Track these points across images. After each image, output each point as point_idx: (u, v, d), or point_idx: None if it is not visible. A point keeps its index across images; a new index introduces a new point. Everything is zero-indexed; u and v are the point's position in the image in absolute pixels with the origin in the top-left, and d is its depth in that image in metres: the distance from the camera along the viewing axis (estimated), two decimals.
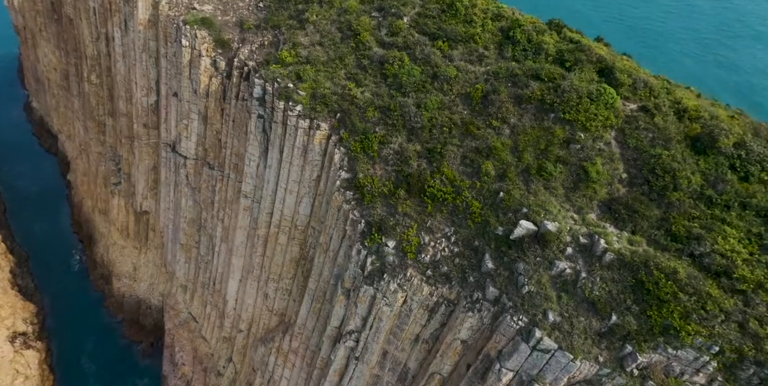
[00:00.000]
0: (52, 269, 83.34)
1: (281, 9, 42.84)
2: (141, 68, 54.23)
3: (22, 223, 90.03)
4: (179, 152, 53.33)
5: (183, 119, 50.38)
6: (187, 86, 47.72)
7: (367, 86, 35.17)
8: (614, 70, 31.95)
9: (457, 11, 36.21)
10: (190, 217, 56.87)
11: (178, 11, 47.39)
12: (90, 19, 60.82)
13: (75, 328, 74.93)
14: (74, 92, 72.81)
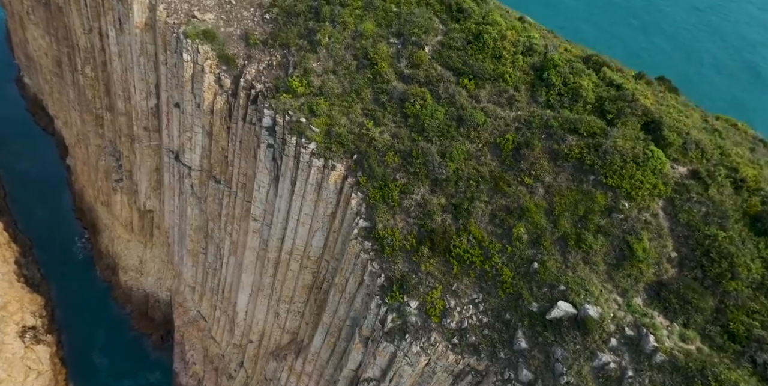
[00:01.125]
0: (57, 258, 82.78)
1: (289, 24, 39.67)
2: (139, 72, 51.30)
3: (23, 208, 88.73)
4: (183, 162, 51.34)
5: (186, 131, 48.09)
6: (189, 100, 45.16)
7: (386, 126, 32.87)
8: (662, 126, 29.33)
9: (484, 44, 33.19)
10: (196, 225, 55.52)
11: (177, 18, 44.09)
12: (81, 11, 57.09)
13: (84, 320, 75.12)
14: (68, 82, 69.60)
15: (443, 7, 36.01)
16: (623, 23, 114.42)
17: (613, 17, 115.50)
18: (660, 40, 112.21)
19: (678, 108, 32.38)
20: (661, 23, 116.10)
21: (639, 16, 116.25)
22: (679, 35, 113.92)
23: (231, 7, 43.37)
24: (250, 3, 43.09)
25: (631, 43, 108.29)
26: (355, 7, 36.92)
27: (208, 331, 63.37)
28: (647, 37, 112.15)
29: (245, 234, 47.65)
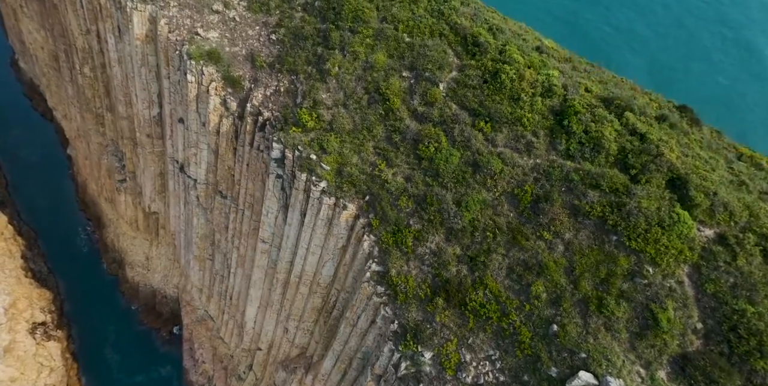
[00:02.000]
0: (62, 250, 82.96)
1: (297, 48, 38.24)
2: (140, 82, 49.95)
3: (26, 198, 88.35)
4: (188, 174, 50.69)
5: (191, 147, 47.25)
6: (194, 119, 44.16)
7: (398, 167, 32.18)
8: (688, 185, 28.42)
9: (501, 84, 31.97)
10: (202, 233, 55.35)
11: (179, 35, 42.54)
12: (77, 12, 55.12)
13: (93, 314, 76.00)
14: (66, 78, 67.98)
15: (458, 39, 34.60)
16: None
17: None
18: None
19: (703, 157, 31.31)
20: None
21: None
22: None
23: (235, 24, 41.77)
24: (255, 21, 41.48)
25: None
26: (365, 35, 35.49)
27: (217, 331, 64.20)
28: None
29: (253, 250, 47.57)
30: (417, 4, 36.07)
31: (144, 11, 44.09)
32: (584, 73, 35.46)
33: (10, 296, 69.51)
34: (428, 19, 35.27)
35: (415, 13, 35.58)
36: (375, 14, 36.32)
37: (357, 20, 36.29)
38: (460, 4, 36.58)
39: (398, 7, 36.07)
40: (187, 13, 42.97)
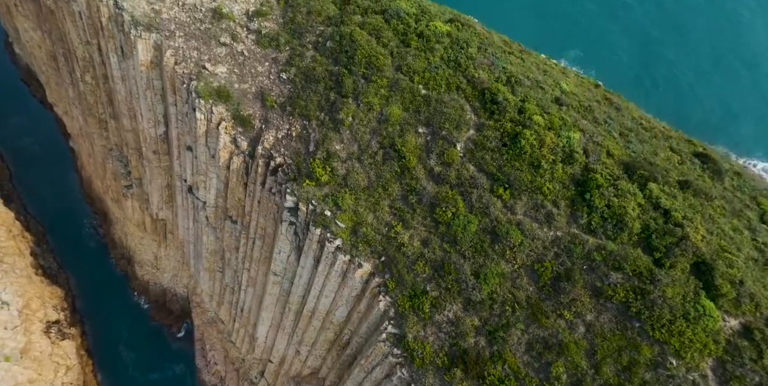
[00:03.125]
0: (71, 244, 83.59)
1: (308, 90, 37.18)
2: (146, 104, 48.94)
3: (31, 191, 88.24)
4: (197, 196, 50.47)
5: (200, 174, 46.79)
6: (203, 152, 43.56)
7: (415, 230, 32.02)
8: (714, 273, 28.21)
9: (521, 150, 31.25)
10: (212, 248, 55.68)
11: (186, 67, 41.33)
12: (77, 23, 53.22)
13: (105, 310, 77.44)
14: (67, 80, 66.37)
15: (475, 93, 33.60)
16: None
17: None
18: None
19: (727, 234, 30.83)
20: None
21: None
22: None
23: (244, 59, 40.48)
24: (264, 56, 40.17)
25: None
26: (380, 85, 34.45)
27: (228, 335, 65.62)
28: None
29: (264, 276, 48.00)
30: (433, 53, 34.84)
31: (149, 39, 42.69)
32: (604, 125, 34.59)
33: (23, 297, 70.57)
34: (445, 70, 34.14)
35: (430, 63, 34.40)
36: (389, 61, 35.13)
37: (370, 66, 35.16)
38: (477, 51, 35.30)
39: (413, 55, 34.86)
40: (194, 45, 41.57)
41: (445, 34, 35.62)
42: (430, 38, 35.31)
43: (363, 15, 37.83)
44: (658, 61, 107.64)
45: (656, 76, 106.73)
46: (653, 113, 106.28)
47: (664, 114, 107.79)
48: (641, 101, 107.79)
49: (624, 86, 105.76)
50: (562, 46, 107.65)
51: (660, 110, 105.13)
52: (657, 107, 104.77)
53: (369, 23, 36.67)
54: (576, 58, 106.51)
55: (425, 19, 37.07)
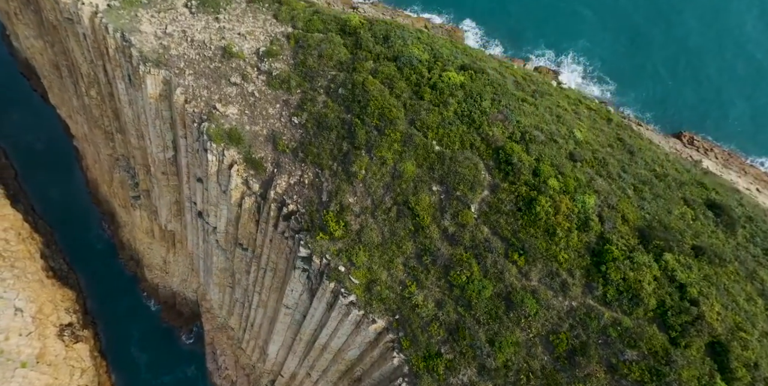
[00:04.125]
0: (80, 245, 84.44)
1: (320, 137, 37.10)
2: (154, 131, 48.79)
3: (37, 189, 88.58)
4: (206, 221, 50.85)
5: (210, 204, 47.05)
6: (214, 187, 43.72)
7: (429, 290, 32.58)
8: (729, 356, 28.62)
9: (536, 216, 31.42)
10: (221, 266, 56.44)
11: (197, 106, 41.06)
12: (81, 43, 52.38)
13: (116, 312, 78.97)
14: (70, 90, 65.72)
15: (489, 152, 33.54)
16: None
17: None
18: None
19: (742, 307, 30.96)
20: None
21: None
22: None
23: (255, 100, 40.16)
24: (275, 98, 39.83)
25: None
26: (393, 139, 34.36)
27: (238, 342, 67.19)
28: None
29: (276, 303, 48.87)
30: (446, 107, 34.60)
31: (158, 75, 42.22)
32: (618, 180, 34.62)
33: (36, 302, 71.94)
34: (458, 126, 33.99)
35: (444, 118, 34.22)
36: (402, 114, 34.93)
37: (383, 118, 35.01)
38: (491, 104, 35.03)
39: (426, 108, 34.64)
40: (204, 83, 41.16)
41: (459, 85, 35.29)
42: (443, 91, 35.02)
43: (375, 61, 37.37)
44: (665, 51, 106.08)
45: (662, 67, 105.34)
46: (657, 109, 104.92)
47: (668, 107, 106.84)
48: (647, 91, 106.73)
49: (631, 76, 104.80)
50: (569, 36, 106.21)
51: (665, 103, 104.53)
52: (662, 100, 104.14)
53: (382, 72, 36.27)
54: (583, 48, 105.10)
55: (438, 67, 36.65)
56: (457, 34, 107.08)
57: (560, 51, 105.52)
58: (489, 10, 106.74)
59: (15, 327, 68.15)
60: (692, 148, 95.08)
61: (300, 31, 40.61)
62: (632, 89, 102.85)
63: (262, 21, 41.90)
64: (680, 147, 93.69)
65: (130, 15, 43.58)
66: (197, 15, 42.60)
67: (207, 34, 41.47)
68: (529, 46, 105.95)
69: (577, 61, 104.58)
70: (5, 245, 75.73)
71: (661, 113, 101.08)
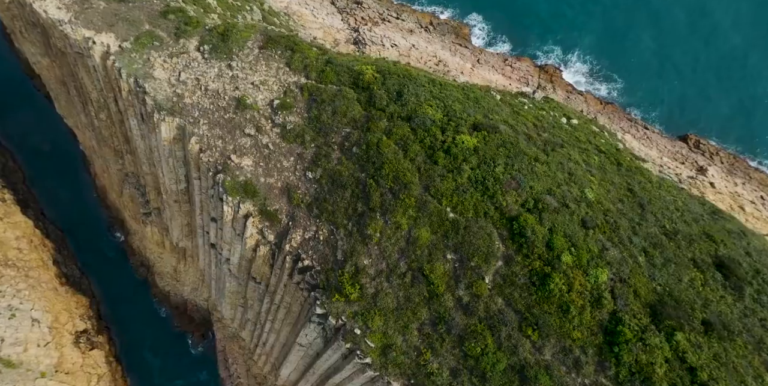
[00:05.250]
0: (91, 250, 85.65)
1: (335, 195, 37.75)
2: (167, 167, 49.28)
3: (46, 192, 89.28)
4: (220, 252, 51.88)
5: (225, 242, 47.96)
6: (229, 231, 44.53)
7: (443, 358, 33.79)
8: None
9: (550, 293, 32.37)
10: (234, 289, 57.77)
11: (211, 156, 41.57)
12: (91, 74, 52.30)
13: (128, 316, 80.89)
14: (78, 107, 65.68)
15: (503, 221, 34.23)
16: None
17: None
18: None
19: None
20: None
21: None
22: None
23: (269, 152, 40.58)
24: (290, 151, 40.25)
25: None
26: (407, 204, 35.03)
27: (250, 352, 69.27)
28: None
29: (289, 333, 50.33)
30: (460, 174, 35.11)
31: (172, 122, 42.49)
32: (629, 245, 35.43)
33: (51, 312, 73.79)
34: (473, 193, 34.61)
35: (458, 184, 34.79)
36: (416, 179, 35.49)
37: (397, 181, 35.61)
38: (504, 169, 35.53)
39: (440, 174, 35.18)
40: (218, 133, 41.51)
41: (472, 149, 35.71)
42: (457, 156, 35.49)
43: (389, 120, 37.66)
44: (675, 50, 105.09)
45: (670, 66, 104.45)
46: (663, 108, 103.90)
47: (674, 107, 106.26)
48: (654, 91, 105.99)
49: (638, 74, 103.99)
50: (577, 32, 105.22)
51: (672, 102, 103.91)
52: (668, 100, 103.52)
53: (396, 133, 36.63)
54: (591, 45, 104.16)
55: (451, 127, 36.95)
56: (463, 31, 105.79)
57: (567, 48, 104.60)
58: (495, 5, 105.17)
59: (33, 338, 70.15)
60: (698, 152, 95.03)
61: (313, 82, 40.70)
62: (639, 88, 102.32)
63: (275, 69, 41.89)
64: (686, 152, 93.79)
65: (142, 58, 43.51)
66: (210, 61, 42.55)
67: (221, 83, 41.54)
68: (537, 42, 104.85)
69: (584, 59, 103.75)
70: (19, 255, 77.08)
71: (668, 113, 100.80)
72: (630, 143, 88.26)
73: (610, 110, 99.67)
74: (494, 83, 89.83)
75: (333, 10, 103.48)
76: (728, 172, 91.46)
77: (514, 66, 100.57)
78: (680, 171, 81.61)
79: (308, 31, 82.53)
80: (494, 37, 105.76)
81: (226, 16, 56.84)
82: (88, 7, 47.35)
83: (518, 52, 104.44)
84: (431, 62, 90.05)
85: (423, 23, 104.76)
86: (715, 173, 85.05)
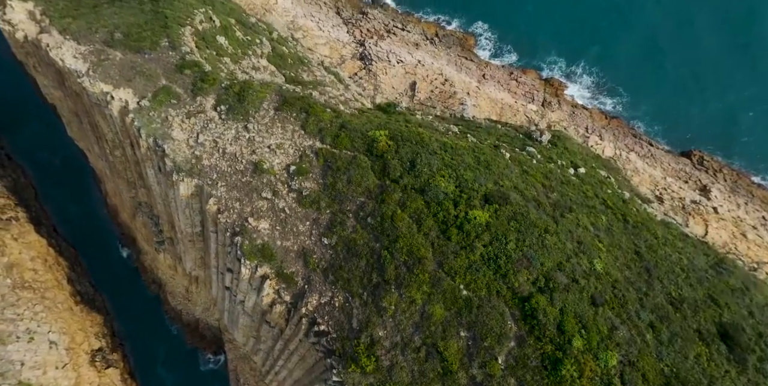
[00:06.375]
0: (103, 266, 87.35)
1: (350, 263, 39.12)
2: (183, 215, 50.47)
3: (58, 208, 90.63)
4: (234, 294, 53.41)
5: (240, 291, 49.46)
6: (246, 286, 45.96)
7: None
8: None
9: (561, 378, 33.87)
10: (247, 324, 59.47)
11: (229, 217, 42.83)
12: (108, 121, 53.15)
13: (141, 333, 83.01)
14: (92, 139, 66.58)
15: (516, 301, 35.61)
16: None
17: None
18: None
19: None
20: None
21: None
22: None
23: (286, 216, 41.80)
24: (306, 216, 41.46)
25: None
26: (422, 279, 36.41)
27: (262, 376, 71.44)
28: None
29: (303, 377, 52.18)
30: (473, 252, 36.39)
31: (190, 182, 43.62)
32: (637, 319, 36.82)
33: (68, 334, 75.90)
34: (485, 271, 35.93)
35: (471, 262, 36.10)
36: (430, 254, 36.79)
37: (412, 255, 36.92)
38: (515, 246, 36.79)
39: (454, 251, 36.42)
40: (236, 196, 42.68)
41: (484, 225, 36.94)
42: (470, 232, 36.73)
43: (403, 191, 38.78)
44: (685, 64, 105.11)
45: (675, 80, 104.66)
46: (667, 122, 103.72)
47: (680, 121, 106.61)
48: (658, 105, 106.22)
49: (643, 87, 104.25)
50: (582, 43, 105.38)
51: (676, 117, 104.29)
52: (673, 114, 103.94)
53: (410, 206, 37.82)
54: (596, 56, 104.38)
55: (463, 200, 38.08)
56: (468, 42, 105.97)
57: (572, 59, 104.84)
58: (501, 13, 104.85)
59: (51, 360, 72.39)
60: (701, 169, 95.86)
61: (328, 147, 41.72)
62: (644, 102, 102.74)
63: (290, 132, 42.86)
64: (689, 169, 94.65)
65: (161, 117, 44.43)
66: (227, 122, 43.49)
67: (238, 146, 42.56)
68: (542, 53, 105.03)
69: (589, 71, 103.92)
70: (34, 276, 78.91)
71: (672, 127, 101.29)
72: (635, 163, 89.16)
73: (615, 124, 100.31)
74: (500, 104, 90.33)
75: (338, 21, 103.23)
76: (731, 190, 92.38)
77: (520, 80, 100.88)
78: (684, 195, 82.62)
79: (316, 53, 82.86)
80: (500, 47, 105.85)
81: (238, 56, 57.46)
82: (105, 59, 48.06)
83: (523, 63, 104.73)
84: (437, 81, 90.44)
85: (428, 35, 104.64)
86: (718, 193, 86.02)
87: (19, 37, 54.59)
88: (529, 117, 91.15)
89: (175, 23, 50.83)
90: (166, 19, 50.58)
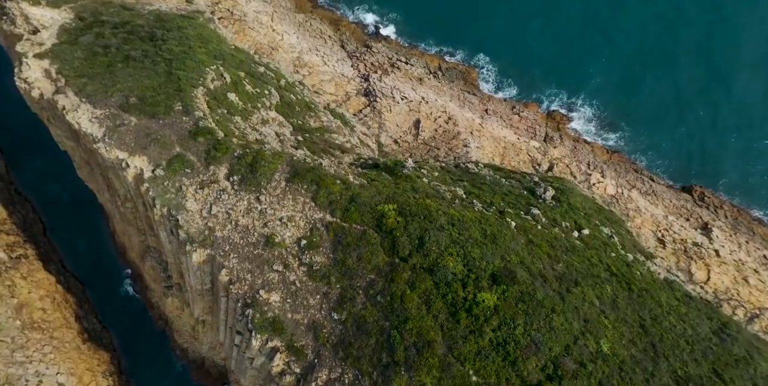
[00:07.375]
0: (110, 302, 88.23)
1: (360, 340, 40.00)
2: (194, 276, 51.38)
3: (66, 243, 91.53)
4: (244, 353, 54.21)
5: (250, 352, 50.29)
6: (256, 352, 46.80)
7: None
8: None
9: None
10: (254, 375, 60.29)
11: (240, 288, 43.76)
12: (120, 180, 54.13)
13: (148, 370, 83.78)
14: (102, 186, 67.58)
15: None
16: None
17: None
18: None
19: None
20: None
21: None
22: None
23: (296, 289, 42.71)
24: (316, 290, 42.36)
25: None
26: (431, 364, 37.27)
27: None
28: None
29: None
30: (482, 336, 37.29)
31: (203, 252, 44.54)
32: None
33: (75, 375, 76.74)
34: (494, 358, 36.80)
35: (480, 347, 36.96)
36: (439, 337, 37.67)
37: (421, 337, 37.81)
38: (523, 330, 37.69)
39: (462, 335, 37.29)
40: (247, 267, 43.59)
41: (492, 309, 37.84)
42: (478, 316, 37.64)
43: (412, 270, 39.70)
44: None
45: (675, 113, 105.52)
46: (669, 157, 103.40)
47: (681, 156, 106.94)
48: (660, 139, 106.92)
49: (643, 121, 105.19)
50: (582, 76, 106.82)
51: (678, 152, 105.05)
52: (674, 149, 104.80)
53: (419, 286, 38.73)
54: (596, 88, 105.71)
55: (471, 279, 38.98)
56: (471, 75, 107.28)
57: (572, 91, 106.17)
58: (501, 46, 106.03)
59: None
60: (702, 205, 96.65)
61: (338, 220, 42.66)
62: (645, 136, 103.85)
63: (301, 204, 43.81)
64: (690, 206, 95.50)
65: (175, 187, 45.38)
66: (239, 193, 44.45)
67: (250, 218, 43.51)
68: (542, 85, 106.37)
69: (590, 103, 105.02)
70: (43, 315, 79.81)
71: (674, 162, 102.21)
72: (636, 202, 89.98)
73: (616, 159, 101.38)
74: (503, 143, 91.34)
75: (343, 54, 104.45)
76: (732, 228, 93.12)
77: (522, 115, 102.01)
78: (686, 236, 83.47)
79: (322, 96, 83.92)
80: (501, 80, 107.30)
81: (248, 111, 58.52)
82: (120, 124, 49.07)
83: (524, 95, 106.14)
84: (441, 120, 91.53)
85: (432, 68, 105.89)
86: (719, 233, 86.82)
87: (35, 95, 55.67)
88: (531, 156, 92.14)
89: (188, 85, 51.86)
90: (179, 82, 51.60)
